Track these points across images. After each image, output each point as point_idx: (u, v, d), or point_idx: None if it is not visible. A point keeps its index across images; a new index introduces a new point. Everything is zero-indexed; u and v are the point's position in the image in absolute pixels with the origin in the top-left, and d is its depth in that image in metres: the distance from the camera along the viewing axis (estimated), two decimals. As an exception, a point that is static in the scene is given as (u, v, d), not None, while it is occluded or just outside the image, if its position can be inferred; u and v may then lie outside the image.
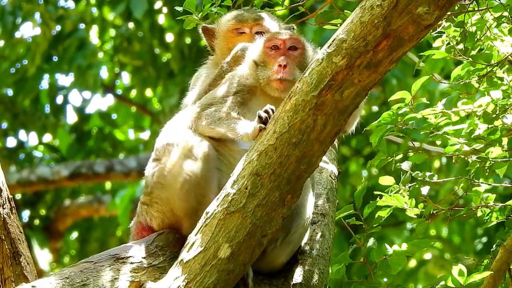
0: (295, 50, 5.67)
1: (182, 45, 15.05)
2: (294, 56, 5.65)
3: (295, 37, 5.68)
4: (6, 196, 5.56)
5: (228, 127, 5.53)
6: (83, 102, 16.83)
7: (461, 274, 5.48)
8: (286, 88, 5.53)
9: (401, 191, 5.67)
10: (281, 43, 5.67)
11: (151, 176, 5.70)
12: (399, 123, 5.71)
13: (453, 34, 5.78)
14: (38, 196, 16.96)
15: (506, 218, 5.90)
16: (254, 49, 5.75)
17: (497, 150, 5.70)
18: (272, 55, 5.66)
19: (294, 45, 5.67)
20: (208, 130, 5.60)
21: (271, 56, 5.66)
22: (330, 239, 5.93)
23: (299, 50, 5.67)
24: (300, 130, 5.18)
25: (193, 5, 5.89)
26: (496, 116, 5.67)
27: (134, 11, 14.15)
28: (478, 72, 5.74)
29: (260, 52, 5.70)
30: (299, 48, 5.67)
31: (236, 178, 5.27)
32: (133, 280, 5.47)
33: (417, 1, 4.94)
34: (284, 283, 5.67)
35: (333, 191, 6.14)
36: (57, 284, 5.37)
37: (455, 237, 15.24)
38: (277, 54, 5.65)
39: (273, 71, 5.60)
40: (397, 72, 13.75)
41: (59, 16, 15.45)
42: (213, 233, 5.26)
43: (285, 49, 5.66)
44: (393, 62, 5.10)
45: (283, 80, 5.56)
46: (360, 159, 15.31)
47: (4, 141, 16.91)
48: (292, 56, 5.65)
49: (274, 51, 5.67)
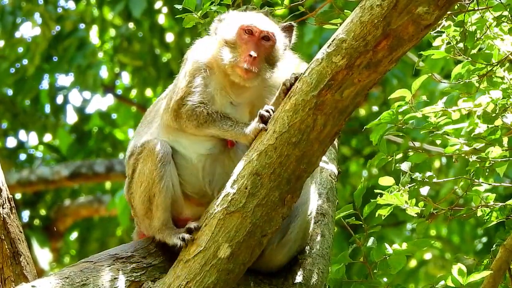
0: (268, 40, 5.57)
1: (182, 45, 15.04)
2: (265, 48, 5.55)
3: (271, 30, 5.58)
4: (6, 196, 5.56)
5: (221, 128, 5.50)
6: (83, 102, 16.82)
7: (461, 273, 5.48)
8: (249, 78, 5.50)
9: (401, 192, 5.66)
10: (257, 31, 5.56)
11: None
12: (399, 122, 5.70)
13: (453, 34, 5.77)
14: (38, 196, 16.95)
15: (506, 218, 5.90)
16: (227, 28, 5.64)
17: (497, 150, 5.70)
18: (245, 40, 5.56)
19: (267, 36, 5.58)
20: (196, 131, 5.56)
21: (243, 40, 5.56)
22: (330, 238, 5.93)
23: (271, 42, 5.57)
24: (300, 129, 5.18)
25: (192, 3, 5.88)
26: (496, 116, 5.67)
27: (133, 10, 14.14)
28: (478, 72, 5.74)
29: (234, 34, 5.59)
30: (271, 40, 5.58)
31: (236, 178, 5.27)
32: (133, 279, 5.47)
33: (416, 1, 4.94)
34: (284, 282, 5.67)
35: (333, 191, 6.13)
36: (57, 284, 5.37)
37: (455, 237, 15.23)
38: (250, 41, 5.55)
39: (241, 58, 5.51)
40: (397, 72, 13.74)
41: (59, 16, 15.44)
42: (213, 233, 5.26)
43: (259, 37, 5.56)
44: (393, 62, 5.10)
45: (249, 71, 5.51)
46: (360, 159, 15.30)
47: (4, 141, 16.91)
48: (263, 47, 5.55)
49: (248, 35, 5.57)
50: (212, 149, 5.58)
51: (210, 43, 5.67)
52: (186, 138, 5.61)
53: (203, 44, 5.75)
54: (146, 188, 5.55)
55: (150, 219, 5.57)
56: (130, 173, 5.70)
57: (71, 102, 16.53)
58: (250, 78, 5.51)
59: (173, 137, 5.63)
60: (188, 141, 5.61)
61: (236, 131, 5.46)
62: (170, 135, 5.64)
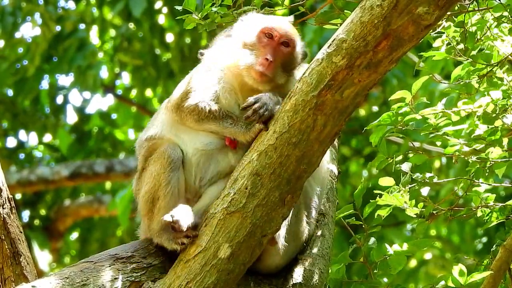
0: (287, 46, 5.56)
1: (182, 45, 15.04)
2: (283, 54, 5.54)
3: (291, 36, 5.60)
4: (6, 196, 5.56)
5: (221, 125, 5.50)
6: (83, 102, 16.83)
7: (461, 274, 5.48)
8: (263, 82, 5.48)
9: (401, 192, 5.66)
10: (277, 35, 5.56)
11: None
12: (399, 123, 5.70)
13: (453, 34, 5.77)
14: (38, 196, 16.96)
15: (506, 218, 5.90)
16: (247, 30, 5.64)
17: (497, 150, 5.70)
18: (263, 44, 5.55)
19: (287, 42, 5.58)
20: (196, 125, 5.55)
21: (262, 44, 5.55)
22: (330, 239, 5.93)
23: (290, 48, 5.57)
24: (300, 130, 5.18)
25: (193, 4, 5.88)
26: (496, 116, 5.67)
27: (133, 9, 14.14)
28: (478, 72, 5.74)
29: (253, 36, 5.59)
30: (290, 46, 5.57)
31: (236, 178, 5.27)
32: (133, 280, 5.47)
33: (417, 1, 4.94)
34: (284, 282, 5.67)
35: (333, 191, 6.13)
36: (57, 284, 5.37)
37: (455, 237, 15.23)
38: (269, 45, 5.54)
39: (258, 61, 5.50)
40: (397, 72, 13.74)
41: (59, 16, 15.45)
42: (213, 233, 5.26)
43: (278, 42, 5.55)
44: (393, 62, 5.10)
45: (263, 74, 5.51)
46: (360, 159, 15.30)
47: (4, 141, 16.91)
48: (281, 52, 5.54)
49: (267, 39, 5.57)
50: (209, 145, 5.56)
51: (229, 44, 5.67)
52: (186, 133, 5.60)
53: (222, 44, 5.74)
54: (152, 189, 5.55)
55: (150, 221, 5.56)
56: (140, 168, 5.71)
57: (71, 102, 16.56)
58: (264, 81, 5.48)
59: (174, 131, 5.63)
60: (187, 136, 5.60)
61: (235, 129, 5.45)
62: (171, 129, 5.64)
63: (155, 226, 5.52)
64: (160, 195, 5.52)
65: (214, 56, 5.69)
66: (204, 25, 5.94)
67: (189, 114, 5.54)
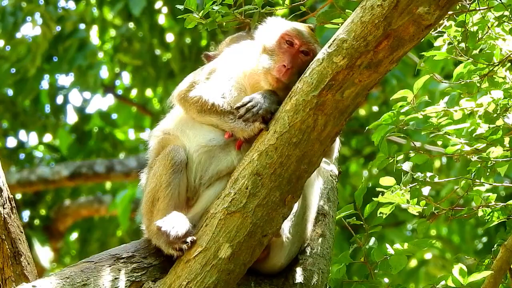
0: (306, 55, 5.52)
1: (182, 45, 15.03)
2: (302, 61, 5.49)
3: (311, 46, 5.54)
4: (6, 196, 5.56)
5: (221, 119, 5.50)
6: (83, 102, 16.84)
7: (461, 273, 5.47)
8: (278, 87, 5.47)
9: (402, 192, 5.66)
10: (298, 44, 5.54)
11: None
12: (400, 123, 5.69)
13: (454, 34, 5.77)
14: (38, 196, 16.96)
15: (507, 218, 5.90)
16: (269, 35, 5.64)
17: (498, 150, 5.70)
18: (283, 50, 5.54)
19: (307, 51, 5.54)
20: (197, 116, 5.56)
21: (282, 50, 5.54)
22: (330, 239, 5.93)
23: (309, 57, 5.49)
24: (300, 130, 5.18)
25: (194, 3, 5.87)
26: (497, 116, 5.67)
27: (133, 8, 14.14)
28: (479, 72, 5.74)
29: (274, 41, 5.59)
30: (309, 56, 5.51)
31: (237, 178, 5.27)
32: (134, 280, 5.47)
33: (417, 1, 4.94)
34: (285, 282, 5.67)
35: (333, 191, 6.13)
36: (57, 284, 5.36)
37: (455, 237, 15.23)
38: (288, 51, 5.53)
39: (275, 67, 5.50)
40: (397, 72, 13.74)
41: (60, 16, 15.45)
42: (214, 233, 5.26)
43: (298, 50, 5.53)
44: (394, 62, 5.10)
45: (279, 80, 5.51)
46: (360, 159, 15.30)
47: (4, 141, 16.91)
48: (299, 60, 5.50)
49: (287, 46, 5.55)
50: (212, 141, 5.55)
51: (248, 46, 5.70)
52: (191, 128, 5.59)
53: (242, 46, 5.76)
54: (153, 190, 5.54)
55: (150, 221, 5.56)
56: (148, 167, 5.72)
57: (71, 102, 16.57)
58: (279, 87, 5.47)
59: (181, 126, 5.64)
60: (192, 132, 5.60)
61: (235, 124, 5.44)
62: (179, 123, 5.65)
63: (153, 228, 5.52)
64: (160, 196, 5.51)
65: (231, 56, 5.70)
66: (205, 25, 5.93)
67: (193, 104, 5.56)
